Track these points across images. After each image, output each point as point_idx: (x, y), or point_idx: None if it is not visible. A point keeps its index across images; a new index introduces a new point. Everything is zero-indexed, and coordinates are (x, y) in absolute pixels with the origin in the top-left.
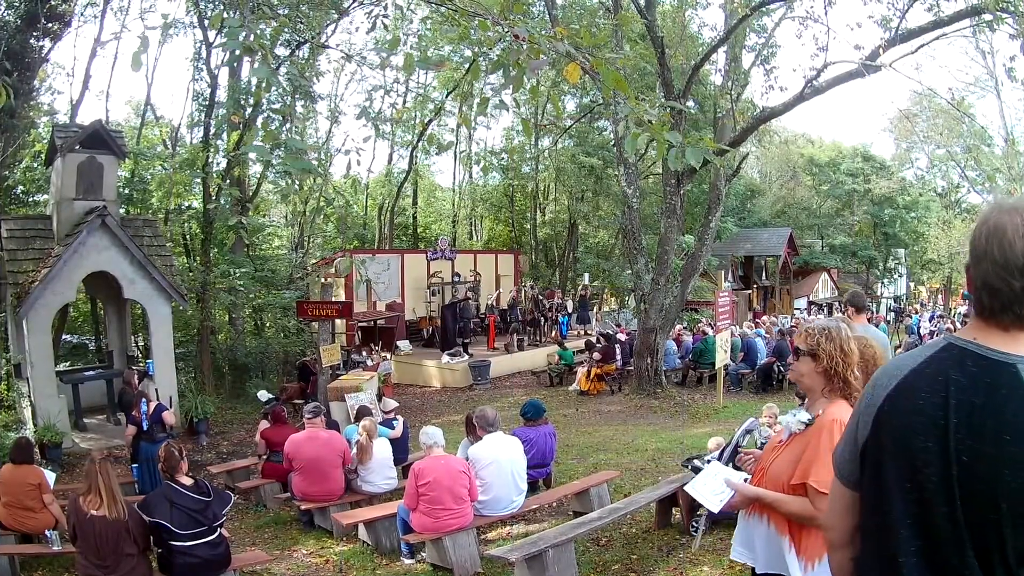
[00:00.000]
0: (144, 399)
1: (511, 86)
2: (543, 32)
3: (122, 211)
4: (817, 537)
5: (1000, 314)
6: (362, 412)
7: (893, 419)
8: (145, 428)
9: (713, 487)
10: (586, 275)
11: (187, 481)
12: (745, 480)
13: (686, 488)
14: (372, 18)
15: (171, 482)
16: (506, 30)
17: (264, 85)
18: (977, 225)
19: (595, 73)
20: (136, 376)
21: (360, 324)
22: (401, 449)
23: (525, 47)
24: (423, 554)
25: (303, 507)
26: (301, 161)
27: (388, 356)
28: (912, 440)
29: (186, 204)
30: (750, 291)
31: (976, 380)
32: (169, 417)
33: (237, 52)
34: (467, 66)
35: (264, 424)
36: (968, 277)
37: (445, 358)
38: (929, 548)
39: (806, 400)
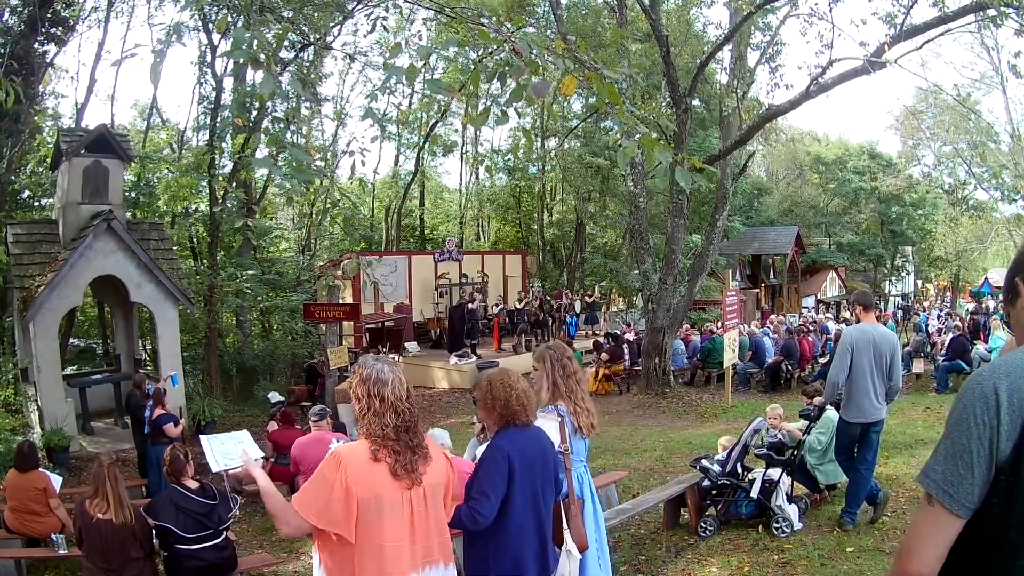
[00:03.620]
0: (150, 402)
1: (511, 100)
2: (543, 41)
3: (128, 215)
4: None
5: None
6: None
7: None
8: (146, 431)
9: (230, 451)
10: (596, 287)
11: (193, 485)
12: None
13: (201, 437)
14: (372, 20)
15: (177, 486)
16: (504, 37)
17: (268, 95)
18: None
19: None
20: (147, 381)
21: (368, 326)
22: None
23: (523, 66)
24: None
25: None
26: (304, 172)
27: (396, 358)
28: None
29: (192, 207)
30: (758, 290)
31: None
32: (171, 431)
33: (241, 61)
34: (472, 66)
35: (272, 426)
36: None
37: (453, 359)
38: None
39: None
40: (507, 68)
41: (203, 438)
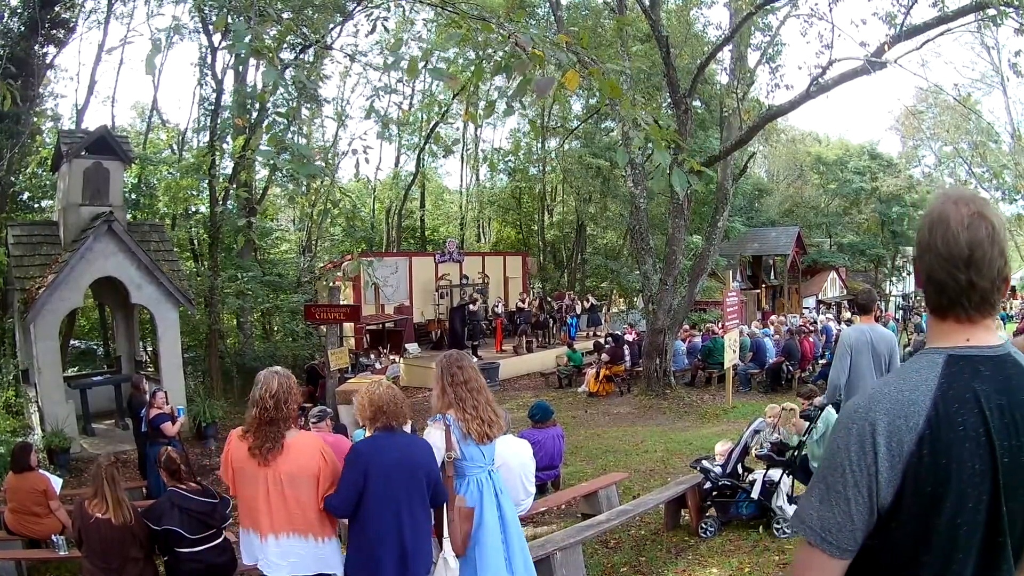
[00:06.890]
0: (146, 404)
1: (516, 94)
2: (546, 37)
3: (129, 216)
4: None
5: (950, 309)
6: None
7: (939, 459)
8: (143, 430)
9: None
10: (591, 297)
11: (192, 485)
12: None
13: None
14: (372, 20)
15: (175, 487)
16: (507, 34)
17: (271, 88)
18: (923, 215)
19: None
20: (144, 381)
21: (368, 327)
22: None
23: (527, 58)
24: None
25: None
26: (308, 166)
27: (397, 359)
28: (963, 470)
29: (193, 208)
30: (759, 291)
31: (994, 382)
32: (169, 428)
33: (244, 54)
34: (472, 68)
35: None
36: (915, 270)
37: None
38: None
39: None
40: (512, 61)
41: None
